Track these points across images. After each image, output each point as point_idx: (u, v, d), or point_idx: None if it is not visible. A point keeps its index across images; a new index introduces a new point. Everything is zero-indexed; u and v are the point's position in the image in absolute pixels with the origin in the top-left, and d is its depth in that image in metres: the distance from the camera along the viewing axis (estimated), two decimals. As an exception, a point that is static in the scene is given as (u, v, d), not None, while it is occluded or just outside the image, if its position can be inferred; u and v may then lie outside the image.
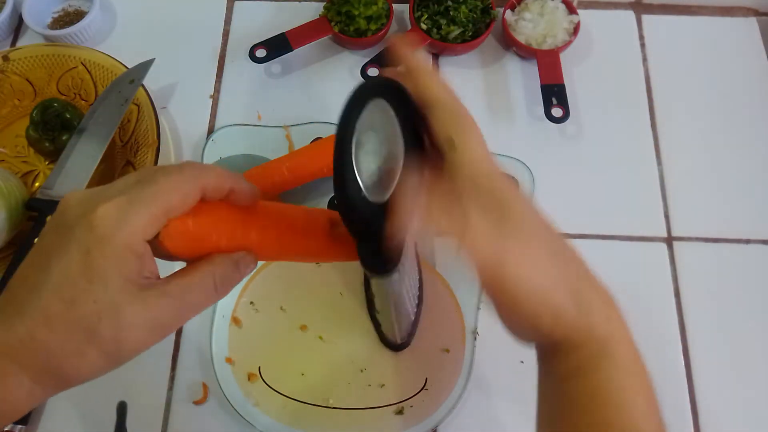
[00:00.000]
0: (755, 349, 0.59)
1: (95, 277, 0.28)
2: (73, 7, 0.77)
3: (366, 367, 0.57)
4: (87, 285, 0.28)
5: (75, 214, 0.29)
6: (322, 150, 0.63)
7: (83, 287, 0.28)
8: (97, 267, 0.28)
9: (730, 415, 0.57)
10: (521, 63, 0.73)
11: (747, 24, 0.75)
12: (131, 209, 0.29)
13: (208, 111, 0.71)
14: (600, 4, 0.76)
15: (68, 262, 0.28)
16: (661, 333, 0.60)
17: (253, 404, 0.56)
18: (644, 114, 0.70)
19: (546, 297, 0.32)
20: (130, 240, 0.29)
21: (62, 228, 0.30)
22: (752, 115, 0.70)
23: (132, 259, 0.29)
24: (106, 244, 0.28)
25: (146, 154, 0.63)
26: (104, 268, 0.28)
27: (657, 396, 0.34)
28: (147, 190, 0.30)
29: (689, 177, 0.67)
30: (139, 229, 0.29)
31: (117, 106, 0.63)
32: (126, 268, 0.29)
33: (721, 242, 0.64)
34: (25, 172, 0.67)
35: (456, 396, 0.56)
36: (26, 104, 0.69)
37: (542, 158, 0.66)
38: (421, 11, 0.71)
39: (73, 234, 0.29)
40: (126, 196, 0.29)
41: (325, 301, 0.60)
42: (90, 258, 0.28)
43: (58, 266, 0.29)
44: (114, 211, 0.29)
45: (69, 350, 0.28)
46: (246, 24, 0.76)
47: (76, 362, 0.29)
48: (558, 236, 0.35)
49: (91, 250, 0.28)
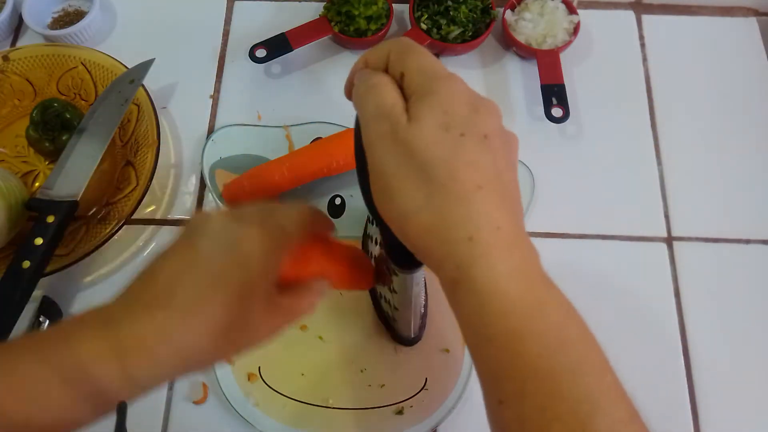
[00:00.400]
0: (755, 349, 0.59)
1: (238, 299, 0.34)
2: (73, 7, 0.77)
3: (366, 367, 0.57)
4: (242, 298, 0.34)
5: (222, 239, 0.35)
6: (322, 150, 0.63)
7: (239, 299, 0.34)
8: (244, 297, 0.34)
9: (730, 415, 0.57)
10: (521, 63, 0.73)
11: (747, 24, 0.75)
12: (272, 255, 0.36)
13: (208, 111, 0.71)
14: (600, 4, 0.77)
15: (230, 278, 0.34)
16: (661, 333, 0.60)
17: (253, 404, 0.56)
18: (644, 114, 0.70)
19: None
20: (272, 277, 0.36)
21: (218, 247, 0.35)
22: (752, 115, 0.70)
23: (269, 288, 0.36)
24: (255, 279, 0.35)
25: (146, 154, 0.63)
26: (248, 296, 0.34)
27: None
28: (281, 234, 0.37)
29: (689, 177, 0.67)
30: (277, 269, 0.36)
31: (117, 106, 0.63)
32: (263, 294, 0.35)
33: (721, 242, 0.64)
34: (25, 172, 0.67)
35: (456, 396, 0.56)
36: (26, 104, 0.69)
37: (542, 158, 0.66)
38: (421, 11, 0.71)
39: (232, 256, 0.34)
40: (268, 236, 0.36)
41: (325, 301, 0.60)
42: (240, 288, 0.34)
43: (223, 280, 0.34)
44: (259, 250, 0.35)
45: (201, 347, 0.33)
46: (246, 24, 0.76)
47: (204, 358, 0.34)
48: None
49: (242, 282, 0.34)
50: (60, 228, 0.57)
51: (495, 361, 0.30)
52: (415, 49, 0.33)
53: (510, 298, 0.30)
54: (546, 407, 0.29)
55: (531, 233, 0.63)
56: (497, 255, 0.30)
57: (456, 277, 0.30)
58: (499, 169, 0.31)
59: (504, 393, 0.30)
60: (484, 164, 0.31)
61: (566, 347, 0.30)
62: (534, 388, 0.29)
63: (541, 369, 0.29)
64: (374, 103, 0.32)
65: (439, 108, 0.31)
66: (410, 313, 0.51)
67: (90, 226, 0.62)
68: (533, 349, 0.30)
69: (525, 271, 0.31)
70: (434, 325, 0.58)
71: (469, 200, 0.30)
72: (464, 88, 0.32)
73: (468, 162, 0.30)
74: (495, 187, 0.31)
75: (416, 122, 0.31)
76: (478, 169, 0.31)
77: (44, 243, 0.56)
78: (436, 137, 0.30)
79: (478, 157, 0.31)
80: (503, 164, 0.32)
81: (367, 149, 0.32)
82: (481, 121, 0.32)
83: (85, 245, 0.60)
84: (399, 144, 0.31)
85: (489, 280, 0.30)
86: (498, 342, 0.30)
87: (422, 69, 0.32)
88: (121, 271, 0.63)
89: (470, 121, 0.31)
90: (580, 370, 0.30)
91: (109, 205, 0.63)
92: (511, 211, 0.31)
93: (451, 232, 0.30)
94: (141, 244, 0.64)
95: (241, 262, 0.34)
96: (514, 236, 0.31)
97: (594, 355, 0.31)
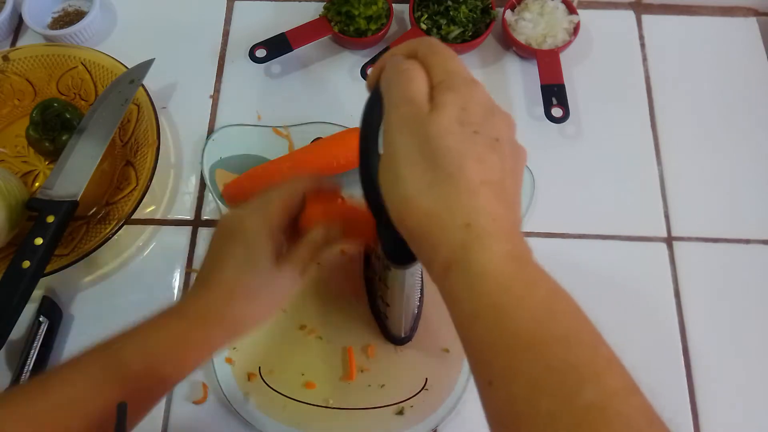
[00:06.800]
0: (756, 349, 0.59)
1: (251, 261, 0.43)
2: (73, 7, 0.77)
3: (366, 368, 0.57)
4: (249, 266, 0.43)
5: (233, 225, 0.44)
6: (323, 150, 0.63)
7: (246, 268, 0.43)
8: (252, 255, 0.43)
9: (730, 415, 0.57)
10: (521, 63, 0.73)
11: (747, 24, 0.75)
12: (264, 226, 0.43)
13: (208, 111, 0.71)
14: (600, 4, 0.77)
15: (235, 255, 0.43)
16: (661, 333, 0.60)
17: (252, 404, 0.56)
18: (644, 114, 0.70)
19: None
20: (273, 241, 0.43)
21: (226, 234, 0.44)
22: (752, 115, 0.70)
23: (274, 249, 0.43)
24: (256, 249, 0.43)
25: (146, 154, 0.63)
26: (254, 262, 0.43)
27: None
28: (270, 206, 0.44)
29: (689, 177, 0.67)
30: (275, 233, 0.44)
31: (117, 106, 0.63)
32: (269, 255, 0.43)
33: (721, 242, 0.64)
34: (25, 172, 0.67)
35: (456, 396, 0.56)
36: (26, 104, 0.69)
37: (542, 158, 0.66)
38: (421, 11, 0.71)
39: (235, 238, 0.43)
40: (258, 212, 0.44)
41: (325, 301, 0.60)
42: (248, 251, 0.43)
43: (231, 258, 0.43)
44: (249, 221, 0.43)
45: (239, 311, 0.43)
46: (246, 24, 0.76)
47: (244, 319, 0.43)
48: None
49: (245, 254, 0.43)
50: (60, 228, 0.57)
51: (484, 338, 0.31)
52: (444, 50, 0.36)
53: (501, 277, 0.30)
54: (535, 381, 0.28)
55: (531, 233, 0.63)
56: (491, 240, 0.31)
57: (450, 260, 0.31)
58: (504, 173, 0.33)
59: (493, 372, 0.30)
60: (491, 163, 0.32)
61: (556, 318, 0.30)
62: (523, 361, 0.29)
63: (530, 340, 0.29)
64: (404, 87, 0.34)
65: (459, 103, 0.33)
66: (401, 311, 0.52)
67: (90, 226, 0.62)
68: (521, 323, 0.29)
69: (516, 256, 0.31)
70: (434, 325, 0.58)
71: (472, 192, 0.31)
72: (485, 94, 0.35)
73: (477, 158, 0.32)
74: (497, 186, 0.32)
75: (436, 111, 0.32)
76: (485, 167, 0.32)
77: (44, 243, 0.56)
78: (451, 128, 0.32)
79: (487, 156, 0.32)
80: (509, 169, 0.33)
81: (386, 130, 0.34)
82: (495, 125, 0.34)
83: (85, 245, 0.60)
84: (417, 128, 0.32)
85: (482, 260, 0.30)
86: (487, 318, 0.30)
87: (448, 68, 0.34)
88: (121, 271, 0.63)
89: (485, 122, 0.33)
90: (571, 341, 0.29)
91: (109, 205, 0.63)
92: (509, 209, 0.33)
93: (449, 219, 0.31)
94: (141, 244, 0.64)
95: (240, 240, 0.43)
96: (509, 229, 0.32)
97: (586, 328, 0.31)
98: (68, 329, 0.61)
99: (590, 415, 0.27)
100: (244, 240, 0.43)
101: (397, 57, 0.36)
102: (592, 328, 0.31)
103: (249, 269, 0.43)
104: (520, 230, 0.33)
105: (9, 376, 0.57)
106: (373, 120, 0.36)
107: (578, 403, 0.27)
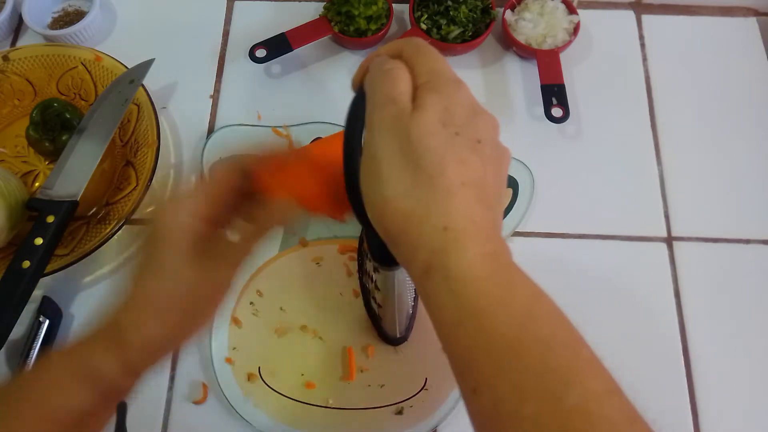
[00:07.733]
0: (756, 348, 0.59)
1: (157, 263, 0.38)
2: (73, 7, 0.77)
3: (366, 368, 0.57)
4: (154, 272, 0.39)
5: (151, 226, 0.40)
6: (322, 150, 0.63)
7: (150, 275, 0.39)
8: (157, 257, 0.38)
9: (730, 415, 0.57)
10: (521, 63, 0.73)
11: (747, 24, 0.75)
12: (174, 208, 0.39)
13: (208, 111, 0.71)
14: (600, 4, 0.77)
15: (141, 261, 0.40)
16: (661, 333, 0.60)
17: (252, 404, 0.56)
18: (644, 114, 0.70)
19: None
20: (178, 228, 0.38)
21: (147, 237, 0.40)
22: (752, 114, 0.70)
23: (185, 240, 0.38)
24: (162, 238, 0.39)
25: (146, 154, 0.63)
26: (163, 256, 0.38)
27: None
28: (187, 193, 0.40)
29: (689, 177, 0.67)
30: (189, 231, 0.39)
31: (117, 106, 0.63)
32: (182, 245, 0.38)
33: (721, 242, 0.64)
34: (25, 172, 0.67)
35: (456, 396, 0.56)
36: (26, 104, 0.69)
37: (542, 158, 0.66)
38: (421, 11, 0.71)
39: (147, 240, 0.40)
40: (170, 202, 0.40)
41: (325, 301, 0.60)
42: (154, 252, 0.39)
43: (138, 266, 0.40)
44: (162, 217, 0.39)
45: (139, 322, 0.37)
46: (246, 24, 0.76)
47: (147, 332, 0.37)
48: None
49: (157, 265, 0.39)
50: (60, 228, 0.57)
51: (467, 345, 0.30)
52: (429, 50, 0.35)
53: (480, 281, 0.30)
54: (519, 386, 0.28)
55: (531, 233, 0.63)
56: (470, 243, 0.31)
57: (428, 264, 0.31)
58: (486, 174, 0.33)
59: (476, 379, 0.30)
60: (472, 165, 0.32)
61: (537, 321, 0.30)
62: (506, 367, 0.29)
63: (512, 344, 0.29)
64: (387, 87, 0.34)
65: (442, 104, 0.32)
66: (393, 312, 0.52)
67: (90, 226, 0.62)
68: (503, 327, 0.29)
69: (495, 257, 0.31)
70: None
71: (451, 194, 0.31)
72: (469, 95, 0.34)
73: (457, 160, 0.32)
74: (477, 188, 0.32)
75: (419, 112, 0.32)
76: (466, 168, 0.32)
77: (44, 243, 0.56)
78: (433, 129, 0.32)
79: (468, 158, 0.32)
80: (491, 171, 0.33)
81: (368, 131, 0.34)
82: (478, 126, 0.33)
83: (85, 245, 0.60)
84: (399, 129, 0.32)
85: (460, 264, 0.30)
86: (469, 324, 0.30)
87: (433, 69, 0.34)
88: (121, 271, 0.63)
89: (467, 124, 0.33)
90: (552, 344, 0.29)
91: (109, 205, 0.63)
92: (490, 211, 0.32)
93: (428, 221, 0.31)
94: (141, 244, 0.64)
95: (150, 241, 0.39)
96: (488, 231, 0.32)
97: (567, 330, 0.31)
98: (68, 329, 0.61)
99: (574, 419, 0.27)
100: (153, 241, 0.39)
101: (382, 57, 0.36)
102: (572, 329, 0.31)
103: (154, 275, 0.38)
104: (499, 233, 0.33)
105: (9, 376, 0.57)
106: (357, 120, 0.35)
107: (562, 407, 0.27)
